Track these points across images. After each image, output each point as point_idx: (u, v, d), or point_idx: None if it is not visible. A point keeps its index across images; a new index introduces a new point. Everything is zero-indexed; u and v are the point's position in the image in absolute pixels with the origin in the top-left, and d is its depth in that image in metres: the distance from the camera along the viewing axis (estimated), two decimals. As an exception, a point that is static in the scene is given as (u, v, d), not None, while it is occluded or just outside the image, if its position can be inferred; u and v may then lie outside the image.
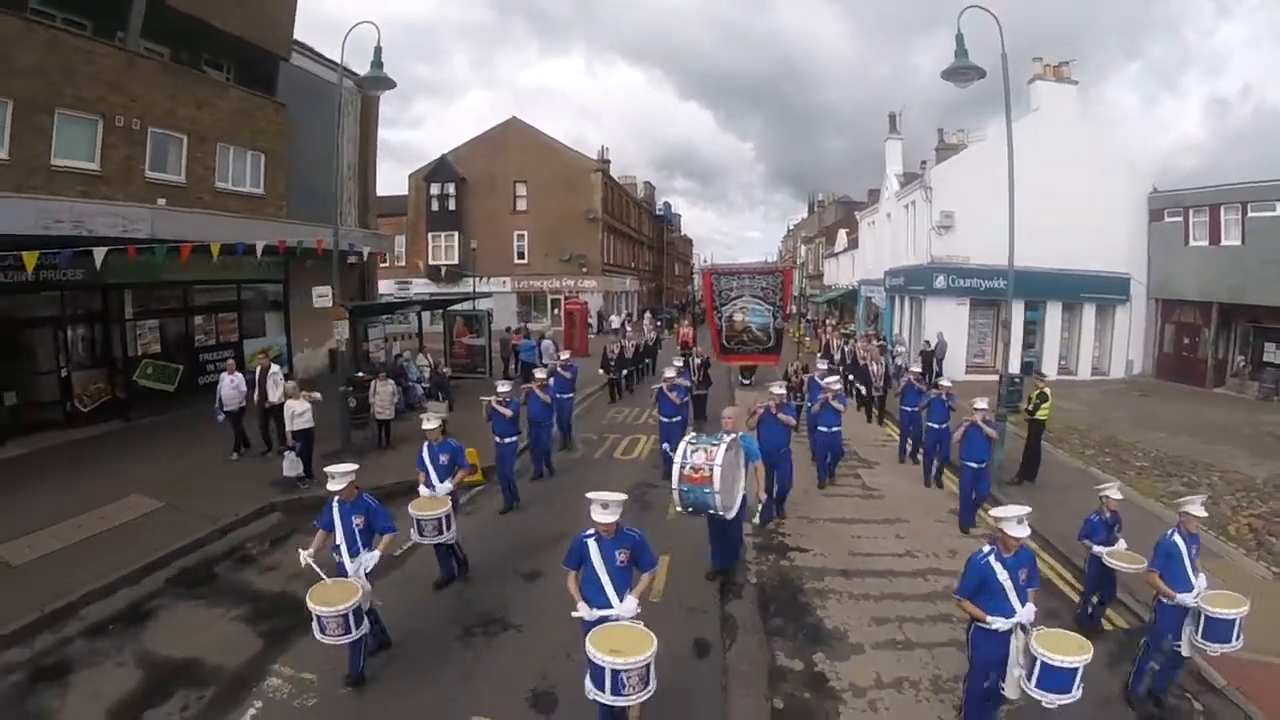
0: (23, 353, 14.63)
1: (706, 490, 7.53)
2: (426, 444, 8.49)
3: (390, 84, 13.32)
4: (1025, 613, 5.23)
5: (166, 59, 17.25)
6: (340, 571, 6.32)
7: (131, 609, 7.86)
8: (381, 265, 29.84)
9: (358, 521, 6.43)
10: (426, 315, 23.63)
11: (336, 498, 6.50)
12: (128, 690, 6.33)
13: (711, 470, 7.52)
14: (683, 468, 7.67)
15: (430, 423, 8.53)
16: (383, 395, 13.73)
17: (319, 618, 5.77)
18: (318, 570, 6.10)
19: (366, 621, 6.12)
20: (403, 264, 40.95)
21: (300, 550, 6.28)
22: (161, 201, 15.53)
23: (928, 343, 23.13)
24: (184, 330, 17.55)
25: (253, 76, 19.62)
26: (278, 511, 10.73)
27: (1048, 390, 12.59)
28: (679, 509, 7.88)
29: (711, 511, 7.73)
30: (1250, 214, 22.05)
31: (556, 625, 6.64)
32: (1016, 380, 13.27)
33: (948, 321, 23.95)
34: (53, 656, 6.93)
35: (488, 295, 27.21)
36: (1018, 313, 24.10)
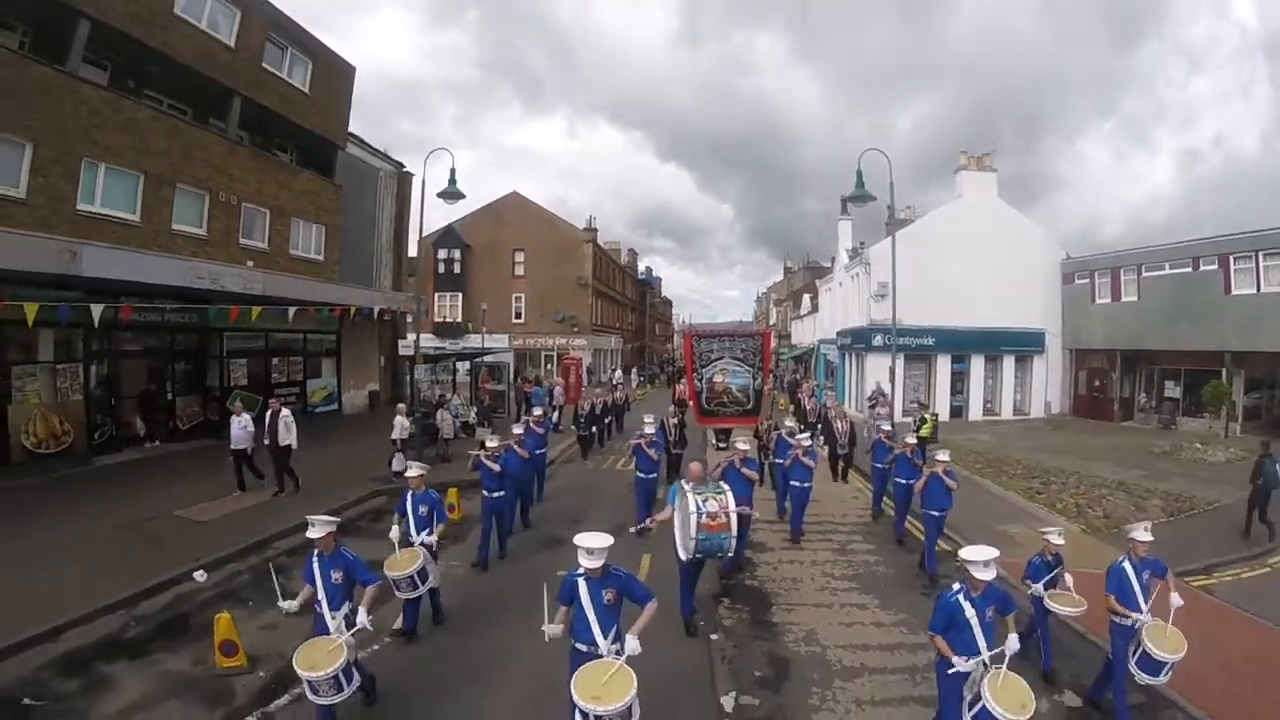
0: (141, 379, 18.11)
1: (724, 536, 7.89)
2: (410, 492, 8.50)
3: (461, 195, 17.54)
4: (1011, 643, 5.52)
5: (245, 142, 21.01)
6: (320, 627, 6.23)
7: (290, 553, 11.30)
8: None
9: (336, 576, 6.29)
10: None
11: (315, 551, 6.38)
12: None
13: (728, 516, 7.90)
14: (699, 516, 7.81)
15: (413, 471, 8.65)
16: (446, 420, 17.74)
17: (309, 682, 5.68)
18: (295, 606, 6.23)
19: (357, 676, 6.12)
20: (408, 320, 44.49)
21: (284, 602, 6.27)
22: (250, 264, 19.02)
23: (883, 395, 25.35)
24: (264, 368, 21.25)
25: (312, 160, 23.59)
26: (384, 495, 14.37)
27: (927, 415, 17.66)
28: (685, 558, 8.14)
29: (719, 555, 8.20)
30: (1144, 274, 26.63)
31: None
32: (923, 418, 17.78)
33: (886, 374, 27.38)
34: (266, 565, 10.51)
35: (506, 350, 30.93)
36: (945, 365, 28.57)
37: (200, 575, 9.88)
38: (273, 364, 21.60)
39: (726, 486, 8.41)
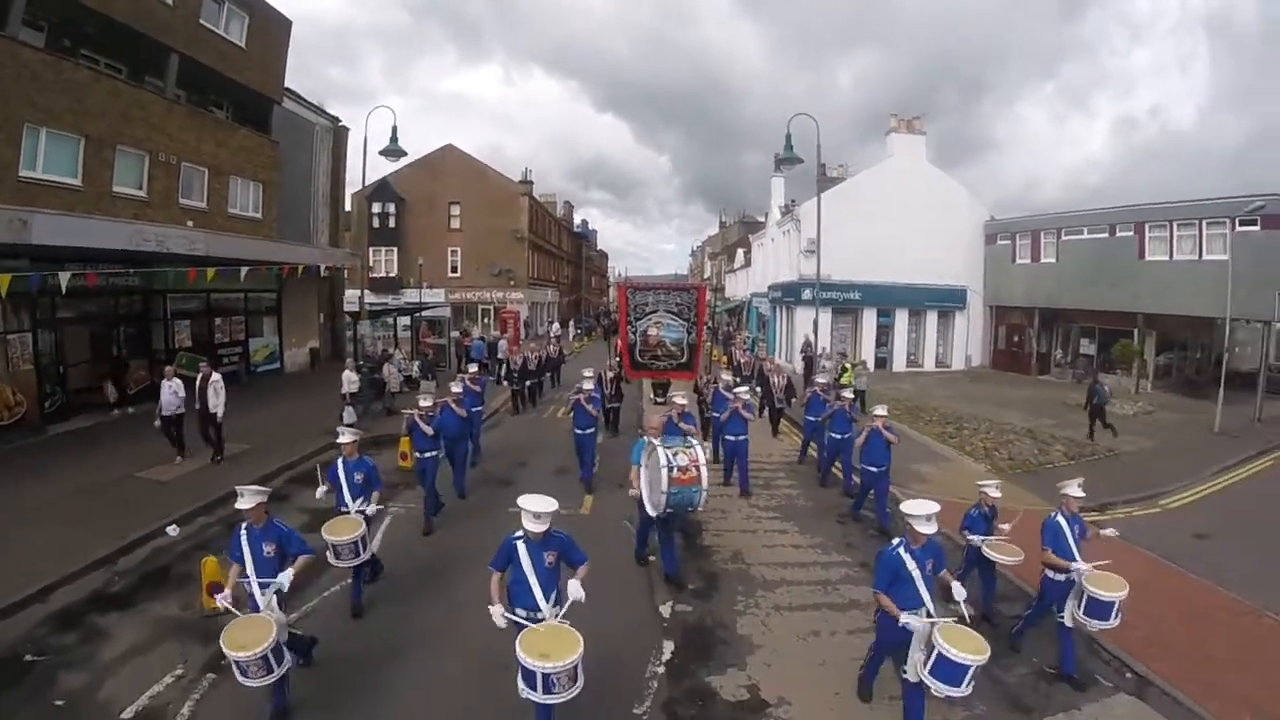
0: (87, 346, 18.05)
1: (694, 489, 8.03)
2: (341, 459, 8.19)
3: (403, 153, 17.91)
4: (957, 590, 5.75)
5: (182, 100, 20.59)
6: (250, 605, 5.96)
7: (272, 496, 11.99)
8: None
9: (268, 549, 6.06)
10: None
11: (244, 524, 6.14)
12: (304, 521, 10.34)
13: (699, 470, 8.06)
14: (670, 470, 7.87)
15: (345, 437, 8.35)
16: (392, 374, 18.33)
17: (237, 663, 5.44)
18: (235, 611, 5.81)
19: (288, 656, 5.85)
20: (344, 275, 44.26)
21: (216, 596, 6.01)
22: (190, 224, 18.96)
23: (809, 345, 26.15)
24: (207, 329, 21.28)
25: (248, 116, 23.32)
26: (336, 448, 14.73)
27: (848, 364, 19.21)
28: (656, 513, 8.28)
29: (690, 509, 8.38)
30: (1063, 238, 28.43)
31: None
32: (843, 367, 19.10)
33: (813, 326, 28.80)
34: (236, 517, 11.05)
35: (443, 305, 31.22)
36: (871, 319, 30.17)
37: (173, 530, 10.39)
38: (215, 324, 21.63)
39: (695, 441, 8.69)
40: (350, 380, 16.56)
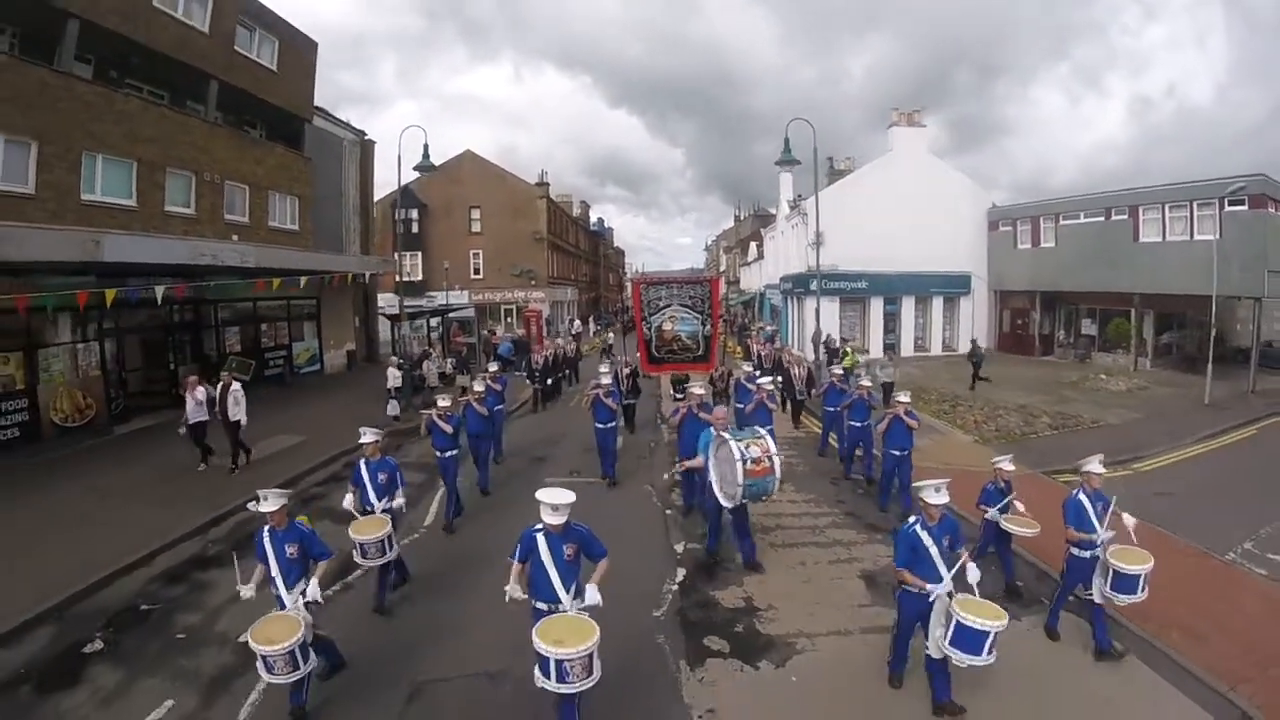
0: (147, 352, 19.71)
1: (769, 479, 8.10)
2: (363, 460, 8.26)
3: (433, 168, 19.48)
4: (972, 572, 5.80)
5: (221, 122, 21.99)
6: (279, 605, 6.11)
7: (333, 477, 13.57)
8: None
9: (291, 551, 6.19)
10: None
11: (267, 526, 6.27)
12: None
13: (772, 460, 8.13)
14: (744, 463, 7.94)
15: (367, 438, 8.37)
16: (431, 371, 19.86)
17: (264, 658, 5.60)
18: (251, 591, 6.15)
19: (313, 654, 6.02)
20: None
21: (240, 586, 6.20)
22: (235, 238, 20.44)
23: (830, 337, 26.48)
24: (254, 335, 22.82)
25: (281, 134, 24.83)
26: (387, 437, 16.23)
27: (849, 348, 20.42)
28: (730, 505, 8.54)
29: (764, 498, 8.49)
30: (1062, 223, 29.53)
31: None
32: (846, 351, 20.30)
33: (823, 315, 27.81)
34: (313, 489, 12.75)
35: (467, 306, 32.75)
36: (878, 306, 31.40)
37: (254, 505, 11.78)
38: (261, 330, 23.13)
39: (763, 431, 8.74)
40: (394, 376, 18.22)
